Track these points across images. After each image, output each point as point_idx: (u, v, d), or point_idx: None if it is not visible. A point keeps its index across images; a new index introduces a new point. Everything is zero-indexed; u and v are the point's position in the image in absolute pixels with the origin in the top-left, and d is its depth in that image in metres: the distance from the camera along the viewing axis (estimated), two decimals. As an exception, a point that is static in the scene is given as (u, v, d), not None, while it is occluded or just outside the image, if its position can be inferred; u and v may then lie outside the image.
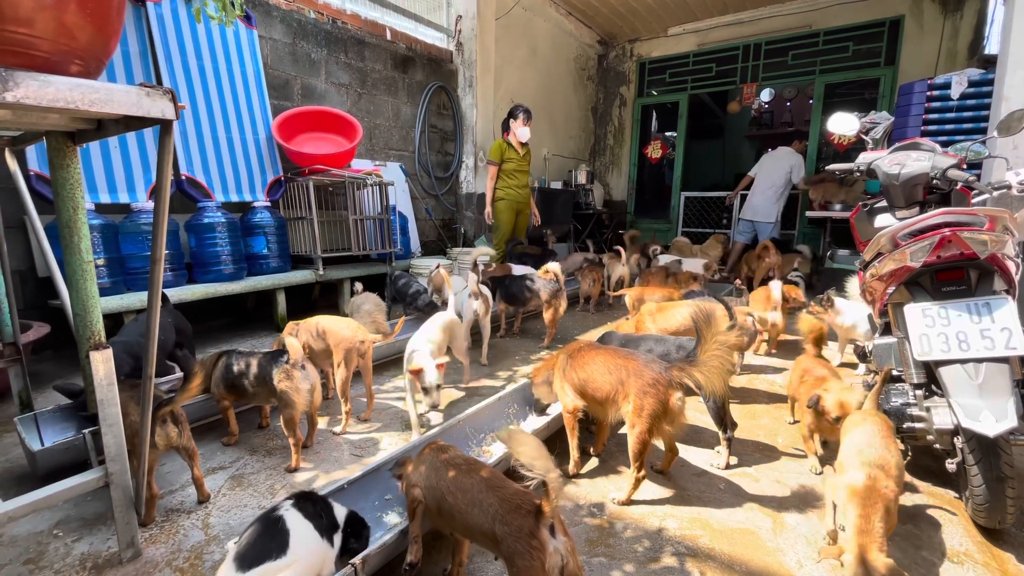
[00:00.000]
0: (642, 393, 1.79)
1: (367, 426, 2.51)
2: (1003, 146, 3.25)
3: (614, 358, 1.93)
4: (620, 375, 1.86)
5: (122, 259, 3.27)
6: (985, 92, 4.18)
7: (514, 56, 7.12)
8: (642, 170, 9.56)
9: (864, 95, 7.95)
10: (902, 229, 1.83)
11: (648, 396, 1.77)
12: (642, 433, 1.78)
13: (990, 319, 1.66)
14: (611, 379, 1.88)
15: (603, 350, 2.02)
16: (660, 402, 1.77)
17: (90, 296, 1.47)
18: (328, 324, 2.51)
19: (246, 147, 4.15)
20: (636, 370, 1.84)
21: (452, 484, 1.36)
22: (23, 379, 2.26)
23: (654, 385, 1.78)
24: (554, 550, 1.17)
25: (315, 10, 4.94)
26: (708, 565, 1.58)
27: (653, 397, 1.77)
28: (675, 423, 1.83)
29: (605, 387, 1.89)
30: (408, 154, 6.02)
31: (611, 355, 1.96)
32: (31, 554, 1.60)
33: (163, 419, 1.72)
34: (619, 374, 1.86)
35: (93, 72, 1.24)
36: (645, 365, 1.85)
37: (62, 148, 1.39)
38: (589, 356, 2.01)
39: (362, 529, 1.43)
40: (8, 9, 1.02)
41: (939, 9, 6.31)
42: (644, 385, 1.79)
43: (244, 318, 4.51)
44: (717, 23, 7.98)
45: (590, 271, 5.02)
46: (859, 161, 2.24)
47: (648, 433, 1.79)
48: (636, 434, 1.79)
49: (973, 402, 1.61)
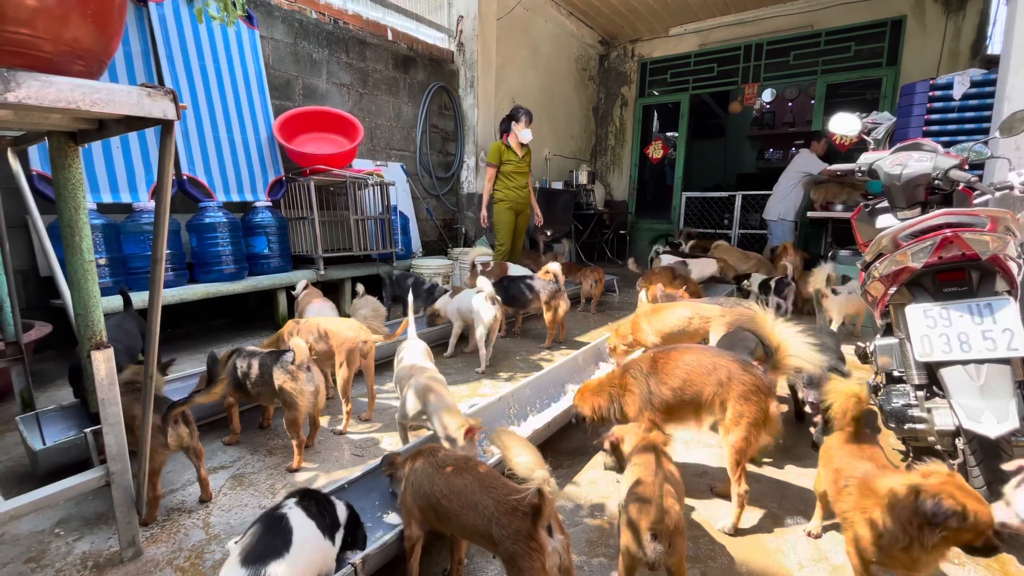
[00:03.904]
0: (743, 399, 1.67)
1: (368, 426, 2.51)
2: (1005, 147, 3.24)
3: (709, 356, 1.80)
4: (719, 375, 1.73)
5: (124, 259, 3.27)
6: (987, 92, 4.17)
7: (515, 56, 7.13)
8: (643, 170, 9.56)
9: (866, 95, 7.95)
10: (904, 230, 1.83)
11: (750, 403, 1.66)
12: (739, 441, 1.66)
13: (992, 320, 1.66)
14: (711, 380, 1.74)
15: (688, 349, 1.89)
16: (762, 409, 1.66)
17: (91, 296, 1.47)
18: (330, 324, 2.52)
19: (247, 147, 4.16)
20: (735, 373, 1.71)
21: (446, 487, 1.34)
22: (25, 378, 2.26)
23: (756, 391, 1.67)
24: (553, 550, 1.17)
25: (317, 10, 4.94)
26: (709, 566, 1.58)
27: (755, 404, 1.66)
28: (772, 431, 1.71)
29: (706, 389, 1.74)
30: (409, 154, 6.02)
31: (701, 353, 1.82)
32: (32, 553, 1.60)
33: (175, 420, 1.72)
34: (718, 375, 1.73)
35: (95, 72, 1.24)
36: (744, 368, 1.72)
37: (64, 148, 1.39)
38: (675, 359, 1.84)
39: (357, 528, 1.44)
40: (10, 10, 1.02)
41: (941, 9, 6.30)
42: (746, 391, 1.68)
43: (245, 318, 4.52)
44: (719, 23, 7.98)
45: (591, 271, 5.02)
46: (861, 161, 2.24)
47: (746, 441, 1.66)
48: (733, 442, 1.67)
49: (974, 403, 1.61)
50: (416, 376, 2.06)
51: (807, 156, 6.17)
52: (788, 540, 1.70)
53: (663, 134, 10.57)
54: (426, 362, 2.25)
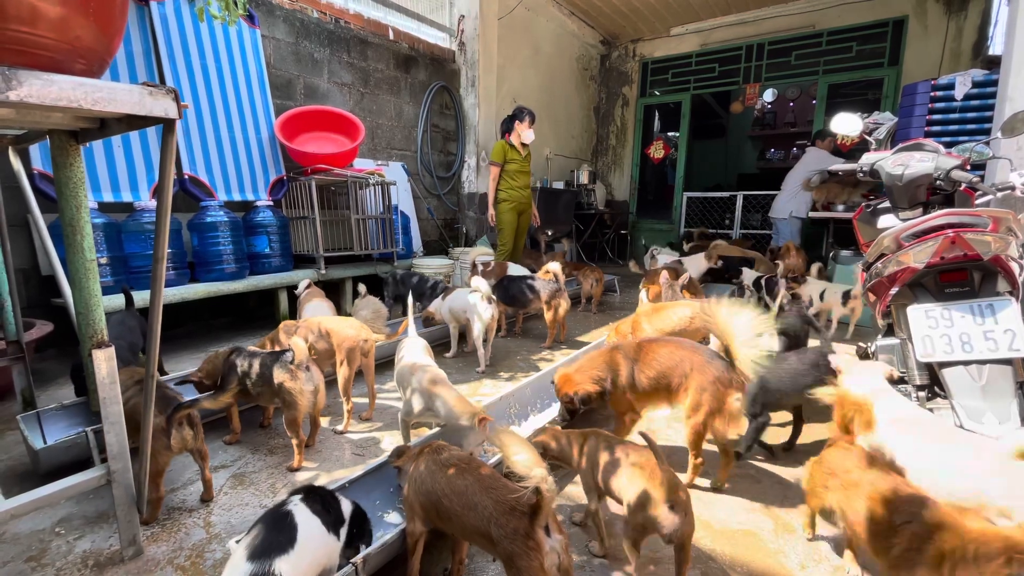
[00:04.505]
0: (700, 390, 1.82)
1: (368, 425, 2.51)
2: (1007, 147, 3.24)
3: (680, 350, 1.95)
4: (684, 367, 1.88)
5: (125, 258, 3.28)
6: (989, 93, 4.17)
7: (516, 56, 7.12)
8: (644, 170, 9.55)
9: (867, 95, 7.94)
10: (906, 230, 1.83)
11: (707, 393, 1.81)
12: (697, 424, 1.83)
13: (993, 320, 1.65)
14: (677, 371, 1.90)
15: (666, 342, 2.04)
16: (718, 400, 1.80)
17: (93, 295, 1.47)
18: (331, 324, 2.52)
19: (249, 146, 4.16)
20: (700, 365, 1.86)
21: (448, 487, 1.35)
22: (26, 377, 2.26)
23: (714, 383, 1.81)
24: (551, 549, 1.17)
25: (318, 10, 4.94)
26: (709, 566, 1.58)
27: (711, 395, 1.81)
28: (732, 424, 1.84)
29: (673, 380, 1.91)
30: (410, 154, 6.02)
31: (677, 346, 1.98)
32: (33, 552, 1.60)
33: (179, 422, 1.72)
34: (684, 366, 1.89)
35: (96, 71, 1.24)
36: (709, 361, 1.87)
37: (65, 147, 1.39)
38: (655, 350, 2.00)
39: (364, 523, 1.45)
40: (11, 8, 1.02)
41: (943, 9, 6.29)
42: (704, 381, 1.83)
43: (246, 317, 4.52)
44: (720, 23, 7.97)
45: (591, 271, 5.03)
46: (863, 162, 2.24)
47: (703, 426, 1.83)
48: (691, 424, 1.85)
49: (976, 404, 1.61)
50: (417, 374, 2.07)
51: (817, 153, 6.11)
52: (789, 540, 1.70)
53: (664, 134, 10.56)
54: (426, 359, 2.25)
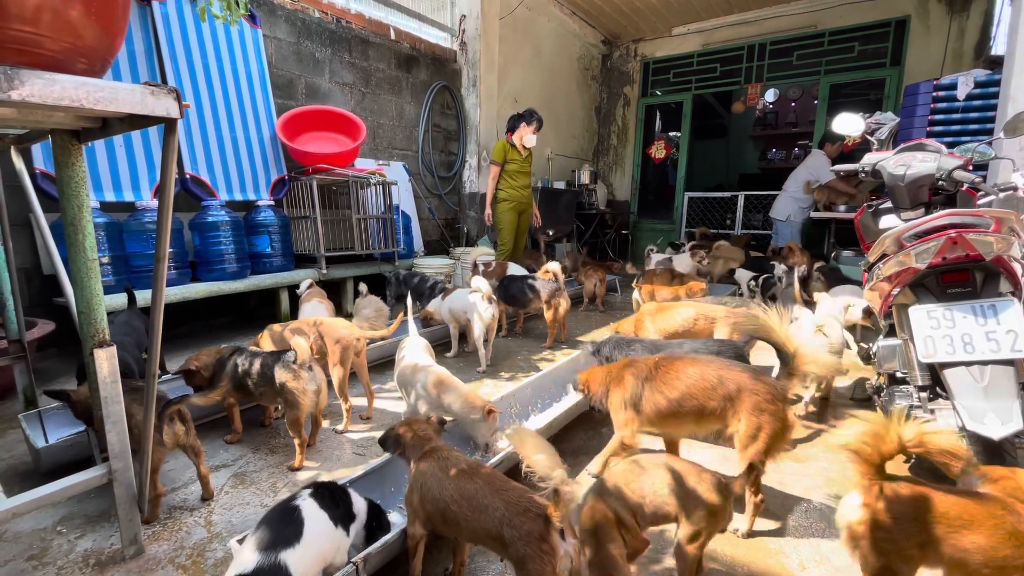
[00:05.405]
0: (758, 411, 1.61)
1: (369, 424, 2.51)
2: (1009, 147, 3.23)
3: (712, 367, 1.73)
4: (727, 388, 1.67)
5: (126, 257, 3.28)
6: (991, 93, 4.16)
7: (518, 56, 7.12)
8: (645, 170, 9.53)
9: (869, 95, 7.92)
10: (908, 230, 1.83)
11: (766, 414, 1.61)
12: (758, 453, 1.61)
13: (995, 321, 1.65)
14: (716, 395, 1.68)
15: (692, 360, 1.81)
16: (779, 419, 1.61)
17: (94, 294, 1.47)
18: (324, 323, 2.53)
19: (250, 146, 4.16)
20: (746, 384, 1.65)
21: (455, 492, 1.33)
22: (28, 376, 2.27)
23: (771, 401, 1.61)
24: (564, 554, 1.15)
25: (319, 9, 4.95)
26: (710, 567, 1.57)
27: (771, 414, 1.60)
28: (788, 441, 1.66)
29: (710, 404, 1.68)
30: (412, 153, 6.03)
31: (706, 364, 1.76)
32: (34, 550, 1.60)
33: (170, 418, 1.73)
34: (726, 387, 1.67)
35: (98, 71, 1.24)
36: (755, 378, 1.67)
37: (67, 146, 1.39)
38: (679, 370, 1.77)
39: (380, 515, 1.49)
40: (13, 7, 1.02)
41: (945, 10, 6.28)
42: (760, 402, 1.62)
43: (247, 317, 4.52)
44: (722, 23, 7.96)
45: (594, 271, 5.03)
46: (865, 162, 2.23)
47: (766, 454, 1.61)
48: (750, 454, 1.61)
49: (978, 404, 1.60)
50: (420, 377, 2.07)
51: (819, 157, 6.10)
52: (790, 541, 1.70)
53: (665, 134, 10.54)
54: (427, 358, 2.25)
